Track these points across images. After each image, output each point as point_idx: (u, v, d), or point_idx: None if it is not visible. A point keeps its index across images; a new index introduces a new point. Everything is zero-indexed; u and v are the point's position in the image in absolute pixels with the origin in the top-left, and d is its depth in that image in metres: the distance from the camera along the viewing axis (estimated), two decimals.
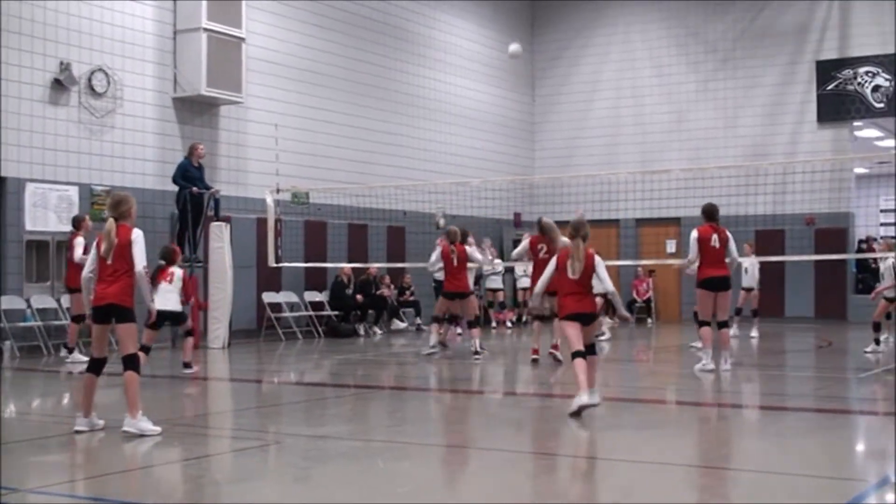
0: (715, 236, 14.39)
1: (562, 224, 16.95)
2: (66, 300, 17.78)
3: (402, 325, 24.74)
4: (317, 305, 23.23)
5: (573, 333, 10.70)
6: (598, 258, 11.14)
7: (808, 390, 13.39)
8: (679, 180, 23.75)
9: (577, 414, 10.26)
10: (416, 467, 8.26)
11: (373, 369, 16.14)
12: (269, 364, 17.89)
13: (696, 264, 14.56)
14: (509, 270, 27.06)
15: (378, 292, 24.17)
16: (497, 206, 26.70)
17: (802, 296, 27.61)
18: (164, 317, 13.61)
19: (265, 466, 8.49)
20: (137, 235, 9.62)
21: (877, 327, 17.41)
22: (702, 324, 14.67)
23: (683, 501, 6.94)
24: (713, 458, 8.54)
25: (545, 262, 11.94)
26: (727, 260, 14.48)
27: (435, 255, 17.66)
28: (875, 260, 22.92)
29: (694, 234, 14.58)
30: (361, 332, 23.19)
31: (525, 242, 16.43)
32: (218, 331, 19.65)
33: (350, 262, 23.59)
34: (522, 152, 31.44)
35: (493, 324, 26.33)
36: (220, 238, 19.82)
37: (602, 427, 10.31)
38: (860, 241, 29.23)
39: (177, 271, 14.27)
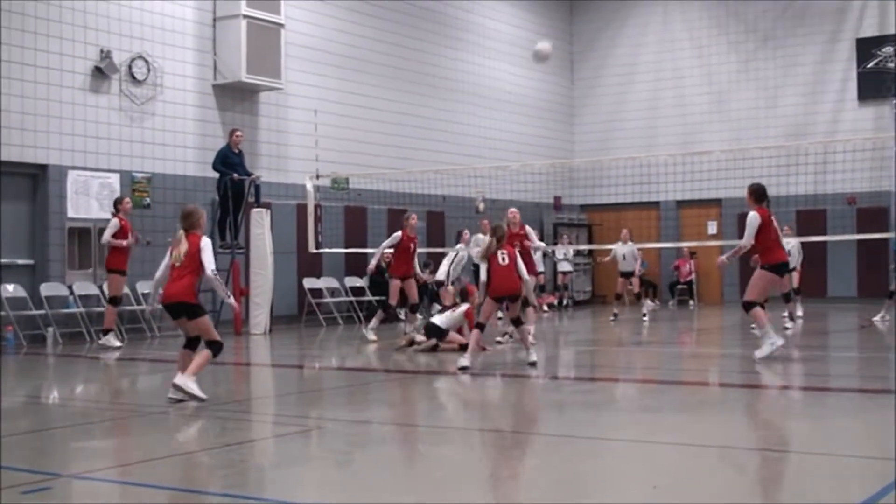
0: (773, 218, 13.69)
1: (602, 207, 16.92)
2: (105, 285, 17.89)
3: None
4: (357, 291, 23.30)
5: (489, 310, 13.64)
6: (516, 252, 13.73)
7: (851, 370, 13.29)
8: (719, 161, 23.62)
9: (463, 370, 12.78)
10: (457, 452, 8.27)
11: (413, 354, 16.15)
12: (310, 349, 17.97)
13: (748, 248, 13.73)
14: (546, 255, 27.00)
15: (418, 277, 24.15)
16: (537, 190, 26.64)
17: (845, 276, 27.42)
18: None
19: (307, 452, 8.52)
20: (206, 243, 10.57)
21: None
22: (752, 305, 13.60)
23: (725, 482, 6.91)
24: (755, 439, 8.50)
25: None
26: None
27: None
28: None
29: (756, 218, 13.40)
30: (402, 316, 23.20)
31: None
32: (259, 317, 19.75)
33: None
34: (562, 135, 31.36)
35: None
36: (260, 224, 19.91)
37: (644, 409, 10.31)
38: None
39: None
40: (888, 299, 20.17)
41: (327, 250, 21.51)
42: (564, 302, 28.06)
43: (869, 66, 27.97)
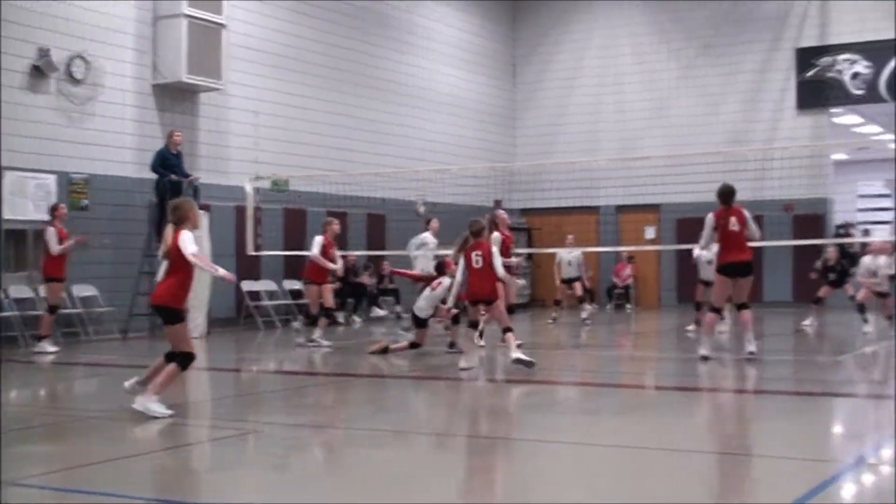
0: (733, 219, 13.87)
1: (543, 211, 17.02)
2: (42, 290, 17.65)
3: (382, 312, 24.74)
4: (296, 294, 23.18)
5: (472, 312, 13.88)
6: (493, 249, 13.67)
7: (786, 373, 13.44)
8: (659, 167, 23.80)
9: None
10: (395, 456, 8.26)
11: (352, 357, 16.13)
12: (247, 353, 17.88)
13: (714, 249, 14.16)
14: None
15: (358, 280, 24.17)
16: (477, 194, 26.66)
17: (781, 280, 27.70)
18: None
19: (243, 455, 8.49)
20: (184, 235, 9.83)
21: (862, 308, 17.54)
22: (711, 309, 14.24)
23: (662, 484, 6.96)
24: (692, 441, 8.56)
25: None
26: (749, 242, 14.03)
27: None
28: (852, 245, 23.05)
29: (710, 219, 13.99)
30: (341, 319, 23.17)
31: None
32: (197, 319, 19.57)
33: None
34: (503, 139, 31.45)
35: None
36: (199, 226, 19.73)
37: (582, 412, 10.36)
38: (838, 227, 29.33)
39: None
40: (814, 304, 20.45)
41: (266, 253, 21.40)
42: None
43: (808, 75, 28.30)
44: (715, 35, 29.49)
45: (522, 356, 13.12)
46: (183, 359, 9.90)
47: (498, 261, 13.48)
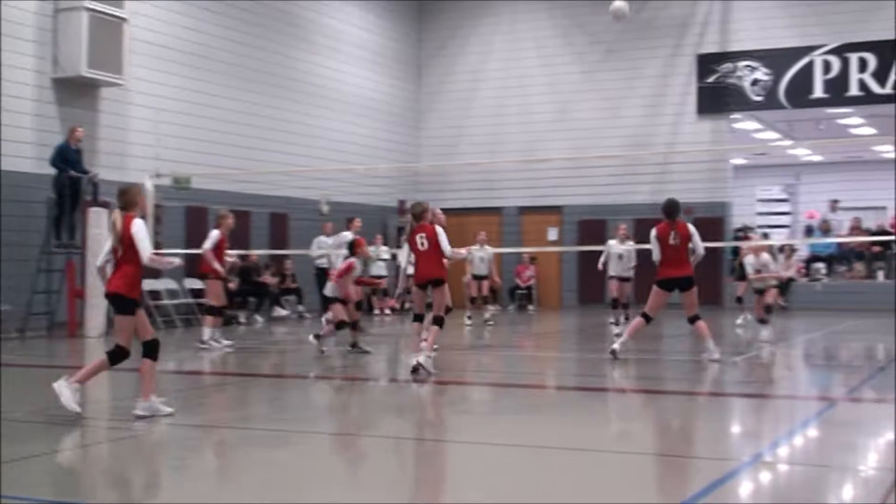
0: (673, 233, 13.98)
1: (447, 211, 17.09)
2: None
3: (284, 312, 24.63)
4: (197, 293, 22.93)
5: (418, 299, 13.63)
6: (438, 229, 13.16)
7: (683, 374, 13.64)
8: (561, 169, 24.04)
9: (416, 371, 12.36)
10: (296, 456, 8.24)
11: (253, 357, 16.02)
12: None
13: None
14: (393, 258, 27.05)
15: (260, 279, 24.03)
16: (382, 194, 26.71)
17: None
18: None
19: (141, 455, 8.39)
20: (138, 226, 9.60)
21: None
22: (643, 314, 14.12)
23: (559, 483, 7.02)
24: (590, 440, 8.65)
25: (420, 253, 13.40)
26: (691, 258, 14.12)
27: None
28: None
29: (653, 232, 14.14)
30: (242, 319, 23.02)
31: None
32: (95, 319, 19.30)
33: (232, 248, 23.33)
34: (408, 140, 31.48)
35: (376, 311, 26.36)
36: (98, 224, 19.45)
37: (483, 412, 10.42)
38: (736, 230, 29.84)
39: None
40: (738, 302, 20.88)
41: (167, 251, 21.12)
42: (407, 305, 28.10)
43: (708, 80, 28.77)
44: (618, 40, 29.82)
45: (425, 363, 12.58)
46: (116, 354, 9.74)
47: (444, 240, 13.02)
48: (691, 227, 14.32)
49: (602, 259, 20.33)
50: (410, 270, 20.45)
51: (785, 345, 17.05)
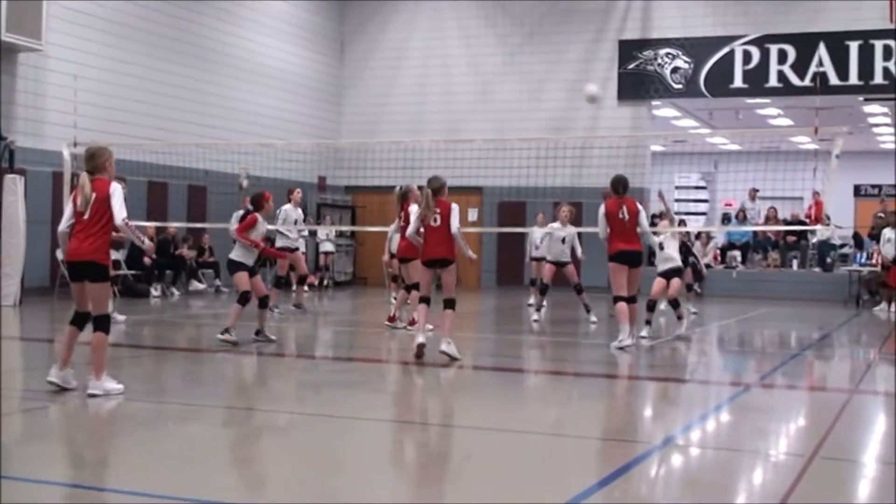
0: (624, 208, 13.98)
1: (367, 189, 17.04)
2: None
3: (201, 286, 24.46)
4: (113, 264, 22.66)
5: (426, 279, 12.68)
6: (454, 206, 12.53)
7: (597, 357, 13.78)
8: (482, 150, 24.05)
9: (420, 354, 11.94)
10: (208, 430, 8.20)
11: (168, 331, 15.89)
12: (61, 323, 17.39)
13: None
14: (312, 234, 26.96)
15: (177, 252, 23.82)
16: (302, 169, 26.54)
17: (598, 267, 28.31)
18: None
19: (52, 427, 8.31)
20: (115, 188, 9.32)
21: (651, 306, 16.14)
22: (616, 299, 13.95)
23: (469, 461, 7.08)
24: (504, 421, 8.72)
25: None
26: (639, 231, 14.12)
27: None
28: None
29: (601, 209, 14.11)
30: (158, 292, 22.81)
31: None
32: (10, 287, 19.04)
33: (149, 220, 23.12)
34: (329, 115, 31.33)
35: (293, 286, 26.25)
36: (13, 191, 19.19)
37: (402, 389, 10.47)
38: (654, 216, 30.12)
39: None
40: (688, 291, 20.94)
41: None
42: (325, 282, 28.07)
43: (629, 67, 28.98)
44: (540, 23, 29.92)
45: (448, 350, 12.09)
46: (104, 323, 9.46)
47: (456, 220, 12.42)
48: (639, 205, 14.37)
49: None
50: (329, 247, 20.58)
51: (700, 331, 17.28)
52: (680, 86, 28.48)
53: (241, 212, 23.21)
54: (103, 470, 6.85)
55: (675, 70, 28.48)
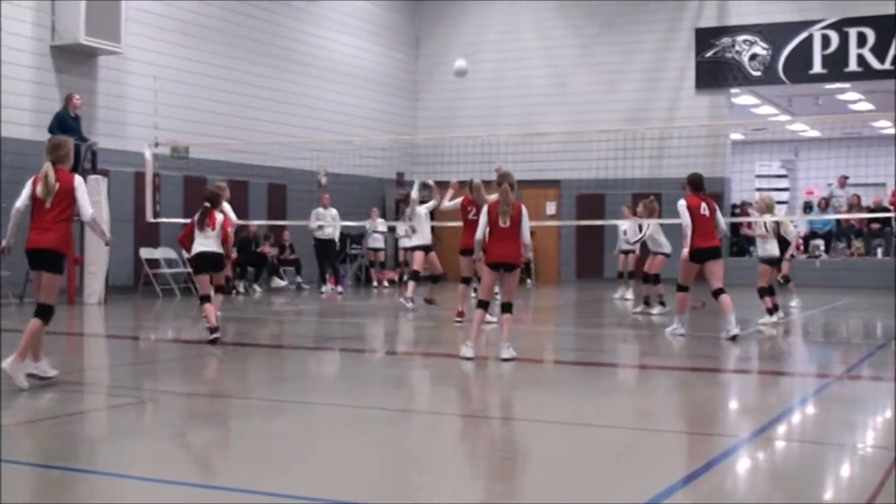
0: (704, 205, 14.13)
1: (442, 185, 17.05)
2: None
3: (282, 283, 24.67)
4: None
5: (488, 281, 11.94)
6: (524, 209, 11.98)
7: (682, 350, 13.65)
8: (559, 143, 23.99)
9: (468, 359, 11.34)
10: (292, 426, 8.25)
11: (251, 327, 16.03)
12: (145, 321, 17.68)
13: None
14: (391, 230, 27.06)
15: (258, 250, 24.03)
16: (379, 166, 26.63)
17: (675, 257, 28.08)
18: (206, 258, 13.48)
19: (140, 424, 8.40)
20: (80, 182, 9.44)
21: (766, 292, 16.56)
22: (679, 288, 14.38)
23: (556, 456, 7.04)
24: (585, 415, 8.67)
25: (474, 224, 12.62)
26: (716, 230, 14.22)
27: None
28: (749, 224, 23.31)
29: (682, 202, 14.19)
30: (241, 289, 23.04)
31: (457, 200, 16.50)
32: (94, 286, 19.35)
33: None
34: (405, 111, 31.42)
35: (374, 283, 26.39)
36: (97, 191, 19.44)
37: (479, 385, 10.45)
38: (734, 206, 29.83)
39: (218, 217, 13.92)
40: (786, 283, 20.49)
41: (165, 220, 21.11)
42: (405, 278, 28.10)
43: (707, 55, 28.70)
44: (616, 13, 29.74)
45: (507, 355, 11.59)
46: (46, 312, 9.39)
47: (527, 224, 11.99)
48: (715, 203, 14.51)
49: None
50: (411, 242, 20.54)
51: (785, 322, 17.05)
52: (758, 73, 28.15)
53: (321, 209, 23.48)
54: (196, 466, 6.92)
55: (753, 57, 28.15)
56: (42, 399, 9.07)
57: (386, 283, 26.50)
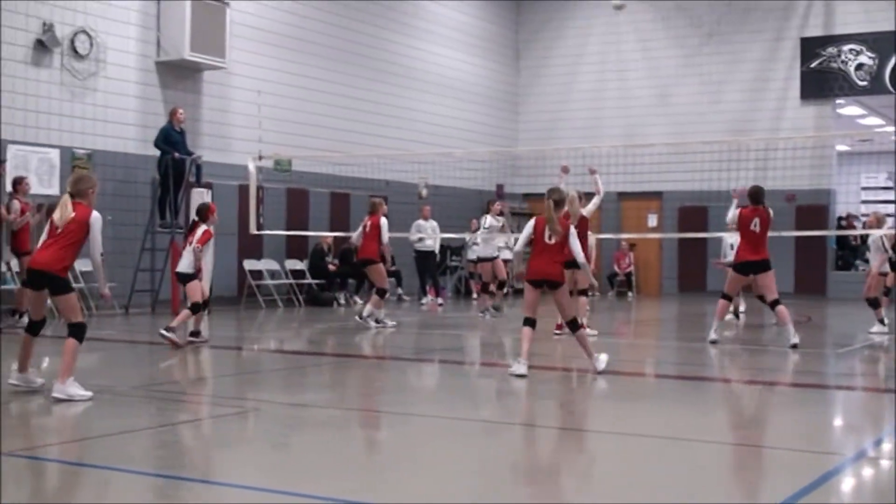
0: (756, 220, 14.20)
1: (544, 196, 16.93)
2: (14, 264, 17.31)
3: None
4: (298, 273, 23.22)
5: (530, 299, 11.41)
6: (572, 228, 11.62)
7: (786, 365, 13.44)
8: (661, 154, 23.79)
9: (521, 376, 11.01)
10: (394, 436, 8.27)
11: (352, 338, 16.12)
12: (248, 331, 17.88)
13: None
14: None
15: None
16: (480, 178, 26.65)
17: (782, 271, 27.67)
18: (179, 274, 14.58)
19: (243, 433, 8.49)
20: (96, 219, 9.46)
21: (874, 303, 16.73)
22: (723, 296, 14.68)
23: (659, 471, 6.96)
24: (689, 430, 8.56)
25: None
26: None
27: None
28: (856, 237, 22.91)
29: (734, 212, 14.68)
30: (342, 300, 23.20)
31: (592, 206, 16.74)
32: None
33: (332, 230, 23.57)
34: (506, 124, 31.41)
35: (474, 295, 26.40)
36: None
37: (583, 398, 10.37)
38: (840, 219, 29.32)
39: (197, 233, 14.47)
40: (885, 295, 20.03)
41: (268, 232, 21.37)
42: (506, 290, 28.07)
43: (812, 65, 28.26)
44: (718, 23, 29.43)
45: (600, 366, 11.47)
46: (79, 330, 9.43)
47: (576, 243, 11.48)
48: (771, 215, 14.55)
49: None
50: (486, 252, 20.53)
51: (889, 337, 16.67)
52: (865, 83, 27.63)
53: (421, 221, 23.57)
54: (299, 475, 6.96)
55: (859, 66, 27.65)
56: (147, 408, 9.21)
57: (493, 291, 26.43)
